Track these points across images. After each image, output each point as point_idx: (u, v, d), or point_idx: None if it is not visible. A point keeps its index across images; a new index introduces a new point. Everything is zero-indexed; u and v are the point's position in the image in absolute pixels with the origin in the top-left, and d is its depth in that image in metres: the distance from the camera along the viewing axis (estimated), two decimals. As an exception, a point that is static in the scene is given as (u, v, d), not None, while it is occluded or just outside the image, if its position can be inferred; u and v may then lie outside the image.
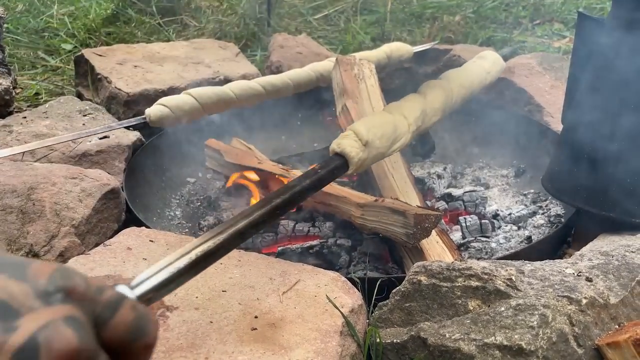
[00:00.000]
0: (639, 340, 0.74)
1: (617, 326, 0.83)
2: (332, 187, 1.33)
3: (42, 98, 2.01)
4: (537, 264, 0.94)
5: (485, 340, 0.79)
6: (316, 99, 1.82)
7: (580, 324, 0.80)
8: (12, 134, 1.46)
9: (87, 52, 1.91)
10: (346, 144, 1.12)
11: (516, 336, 0.78)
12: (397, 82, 2.11)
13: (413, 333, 0.86)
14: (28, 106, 1.94)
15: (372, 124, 1.20)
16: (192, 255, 0.58)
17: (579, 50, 1.27)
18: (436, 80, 1.50)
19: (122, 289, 0.42)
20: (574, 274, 0.89)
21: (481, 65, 1.70)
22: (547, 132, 1.65)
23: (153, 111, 1.50)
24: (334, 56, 1.70)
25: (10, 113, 1.67)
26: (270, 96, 1.68)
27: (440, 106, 1.41)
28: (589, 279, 0.88)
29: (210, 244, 0.61)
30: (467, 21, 2.82)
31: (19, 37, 2.45)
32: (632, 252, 0.98)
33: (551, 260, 0.97)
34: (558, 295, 0.83)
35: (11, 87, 1.66)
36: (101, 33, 2.55)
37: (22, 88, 2.05)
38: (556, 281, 0.87)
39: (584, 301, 0.82)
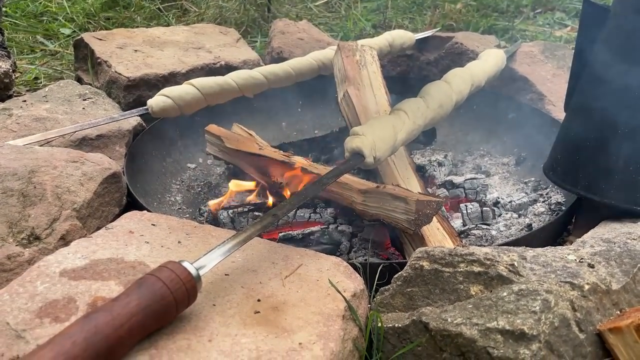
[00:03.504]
0: (640, 326, 0.74)
1: (618, 312, 0.84)
2: (334, 173, 1.33)
3: (41, 82, 2.00)
4: (539, 250, 0.94)
5: (488, 325, 0.79)
6: (317, 85, 1.81)
7: (583, 310, 0.80)
8: (11, 117, 1.46)
9: (86, 36, 1.89)
10: (357, 141, 1.16)
11: (518, 321, 0.78)
12: (399, 69, 2.10)
13: (415, 318, 0.86)
14: (27, 90, 1.93)
15: (371, 122, 1.24)
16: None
17: (582, 38, 1.27)
18: (436, 81, 1.50)
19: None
20: (576, 260, 0.90)
21: (482, 66, 1.69)
22: (549, 120, 1.65)
23: (155, 102, 1.49)
24: (336, 43, 1.68)
25: (10, 97, 1.66)
26: (272, 85, 1.67)
27: (439, 103, 1.41)
28: (591, 265, 0.88)
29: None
30: (469, 9, 2.81)
31: (17, 21, 2.43)
32: (634, 239, 0.98)
33: (553, 247, 0.98)
34: (560, 281, 0.83)
35: (11, 71, 1.65)
36: (100, 18, 2.53)
37: (21, 72, 2.04)
38: (558, 267, 0.87)
39: (586, 287, 0.83)
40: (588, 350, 0.79)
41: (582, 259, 0.90)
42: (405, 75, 2.07)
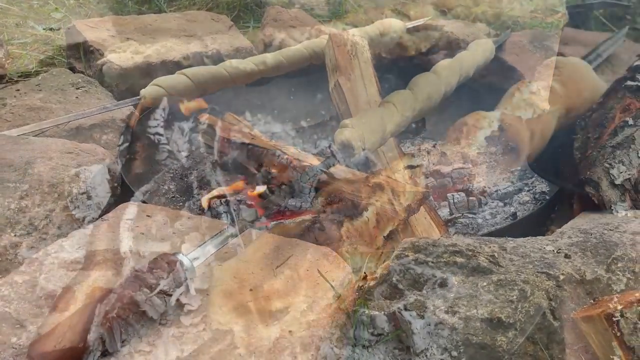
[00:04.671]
0: (610, 315, 0.79)
1: (592, 301, 0.88)
2: (324, 164, 1.35)
3: (33, 69, 2.00)
4: (519, 240, 0.98)
5: (468, 313, 0.83)
6: (309, 74, 1.82)
7: (557, 299, 0.85)
8: (5, 107, 1.47)
9: (78, 24, 1.89)
10: (346, 133, 1.18)
11: (496, 309, 0.82)
12: (389, 58, 2.11)
13: (400, 305, 0.90)
14: (19, 76, 1.93)
15: (360, 115, 1.26)
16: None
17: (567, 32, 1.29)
18: (425, 73, 1.52)
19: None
20: (553, 251, 0.94)
21: (471, 56, 1.70)
22: (536, 110, 1.67)
23: (148, 92, 1.50)
24: (328, 32, 1.70)
25: (3, 85, 1.66)
26: (264, 75, 1.69)
27: (428, 95, 1.43)
28: (567, 256, 0.92)
29: None
30: (461, -5, 2.81)
31: (7, 6, 2.42)
32: (611, 230, 1.02)
33: (533, 237, 1.02)
34: (537, 272, 0.87)
35: (3, 59, 1.65)
36: (91, 1, 2.52)
37: (12, 58, 2.04)
38: (536, 258, 0.91)
39: (562, 277, 0.87)
40: (562, 338, 0.84)
41: (559, 249, 0.94)
42: (396, 65, 2.09)
